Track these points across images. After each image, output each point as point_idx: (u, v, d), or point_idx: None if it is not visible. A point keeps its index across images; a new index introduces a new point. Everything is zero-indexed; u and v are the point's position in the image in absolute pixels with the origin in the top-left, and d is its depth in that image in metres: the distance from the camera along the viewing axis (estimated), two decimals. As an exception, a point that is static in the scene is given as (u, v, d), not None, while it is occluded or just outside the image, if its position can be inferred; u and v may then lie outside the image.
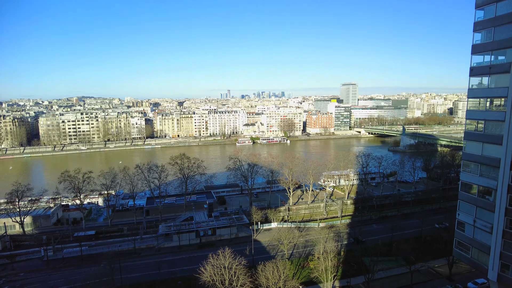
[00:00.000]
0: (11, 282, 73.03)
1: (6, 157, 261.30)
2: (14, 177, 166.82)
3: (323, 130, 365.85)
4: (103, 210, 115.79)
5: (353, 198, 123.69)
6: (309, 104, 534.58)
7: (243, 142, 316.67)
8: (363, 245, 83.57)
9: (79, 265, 79.74)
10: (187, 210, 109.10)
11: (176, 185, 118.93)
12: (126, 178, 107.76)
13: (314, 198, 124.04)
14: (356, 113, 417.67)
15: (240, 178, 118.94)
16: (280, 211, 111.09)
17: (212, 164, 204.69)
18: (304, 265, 75.89)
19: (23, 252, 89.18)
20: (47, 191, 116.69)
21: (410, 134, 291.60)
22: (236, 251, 63.62)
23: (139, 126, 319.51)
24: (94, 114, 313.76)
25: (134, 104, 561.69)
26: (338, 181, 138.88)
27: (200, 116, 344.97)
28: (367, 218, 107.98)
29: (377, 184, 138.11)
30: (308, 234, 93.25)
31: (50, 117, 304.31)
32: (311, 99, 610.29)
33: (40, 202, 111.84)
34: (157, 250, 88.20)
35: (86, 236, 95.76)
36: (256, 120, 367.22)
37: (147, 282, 69.01)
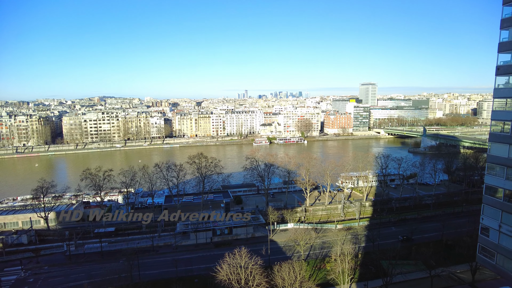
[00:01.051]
0: (36, 275, 75.88)
1: (32, 154, 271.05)
2: (39, 174, 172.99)
3: (341, 131, 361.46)
4: (123, 207, 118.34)
5: (372, 200, 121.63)
6: (327, 104, 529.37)
7: (260, 142, 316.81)
8: (411, 243, 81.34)
9: (100, 261, 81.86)
10: (204, 209, 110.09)
11: (194, 184, 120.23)
12: (145, 176, 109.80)
13: (331, 200, 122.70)
14: (375, 114, 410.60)
15: (256, 178, 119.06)
16: (296, 212, 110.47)
17: (229, 163, 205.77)
18: (320, 267, 75.21)
19: (47, 246, 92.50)
20: (70, 188, 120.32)
21: (431, 135, 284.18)
22: (252, 251, 63.75)
23: (158, 125, 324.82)
24: (114, 114, 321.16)
25: (153, 104, 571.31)
26: (356, 183, 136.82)
27: (218, 116, 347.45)
28: (386, 221, 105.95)
29: (397, 186, 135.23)
30: (325, 236, 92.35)
31: (73, 116, 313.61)
32: (329, 99, 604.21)
33: (63, 199, 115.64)
34: (175, 248, 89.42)
35: (106, 232, 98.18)
36: (273, 120, 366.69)
37: (165, 279, 70.02)
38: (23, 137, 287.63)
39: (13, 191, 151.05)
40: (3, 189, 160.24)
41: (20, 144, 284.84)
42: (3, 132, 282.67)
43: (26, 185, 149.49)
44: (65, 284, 69.44)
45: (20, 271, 77.61)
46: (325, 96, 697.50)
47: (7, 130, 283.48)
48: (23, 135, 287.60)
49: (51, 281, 72.56)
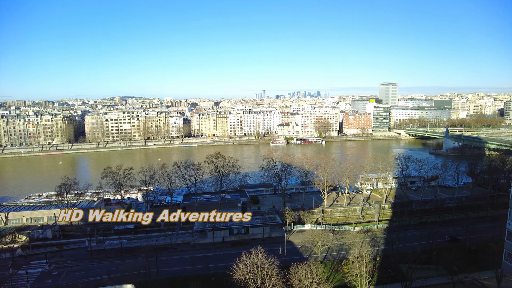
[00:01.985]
0: (60, 269, 78.60)
1: (57, 152, 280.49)
2: (63, 171, 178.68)
3: (360, 131, 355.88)
4: (142, 205, 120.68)
5: (391, 202, 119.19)
6: (346, 104, 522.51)
7: (277, 142, 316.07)
8: (458, 243, 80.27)
9: (119, 257, 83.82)
10: (221, 208, 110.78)
11: (211, 183, 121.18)
12: (164, 175, 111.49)
13: (349, 201, 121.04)
14: (396, 114, 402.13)
15: (273, 178, 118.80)
16: (314, 213, 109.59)
17: (246, 163, 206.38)
18: (337, 269, 74.35)
19: (70, 241, 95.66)
20: (91, 186, 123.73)
21: (454, 137, 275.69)
22: (269, 251, 63.69)
23: (177, 125, 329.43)
24: (135, 113, 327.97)
25: (173, 104, 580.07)
26: (375, 184, 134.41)
27: (235, 116, 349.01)
28: (406, 223, 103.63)
29: (417, 188, 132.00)
30: (343, 238, 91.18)
31: (95, 116, 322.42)
32: (348, 99, 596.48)
33: (85, 196, 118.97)
34: (192, 246, 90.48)
35: (125, 229, 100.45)
36: (290, 120, 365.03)
37: (182, 277, 70.93)
38: (48, 135, 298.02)
39: (39, 187, 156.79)
40: (30, 186, 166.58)
41: (46, 142, 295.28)
42: (31, 130, 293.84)
43: (50, 182, 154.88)
44: (87, 279, 71.45)
45: (45, 264, 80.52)
46: (344, 96, 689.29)
47: (34, 129, 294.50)
48: (48, 134, 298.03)
49: (73, 275, 74.90)
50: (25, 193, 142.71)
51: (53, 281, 72.74)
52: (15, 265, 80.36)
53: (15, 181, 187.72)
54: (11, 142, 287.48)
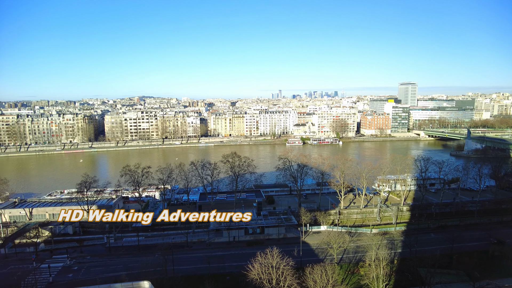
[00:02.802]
0: (80, 264, 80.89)
1: (77, 151, 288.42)
2: (83, 169, 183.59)
3: (378, 132, 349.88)
4: (159, 203, 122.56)
5: (410, 204, 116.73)
6: (364, 104, 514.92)
7: (293, 142, 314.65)
8: (504, 246, 78.27)
9: (136, 254, 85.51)
10: (236, 207, 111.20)
11: (227, 182, 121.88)
12: (181, 174, 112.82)
13: (367, 203, 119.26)
14: (415, 114, 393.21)
15: (289, 179, 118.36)
16: (330, 214, 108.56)
17: (262, 163, 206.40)
18: (354, 271, 73.42)
19: (89, 237, 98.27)
20: (110, 183, 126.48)
21: (477, 138, 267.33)
22: (284, 251, 63.53)
23: (194, 125, 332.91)
24: (153, 113, 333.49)
25: (190, 104, 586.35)
26: (393, 186, 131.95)
27: (251, 116, 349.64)
28: (425, 227, 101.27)
29: (437, 190, 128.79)
30: (359, 240, 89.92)
31: (114, 115, 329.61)
32: (366, 99, 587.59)
33: (104, 193, 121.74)
34: (208, 244, 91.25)
35: (143, 227, 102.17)
36: (307, 120, 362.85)
37: (197, 275, 71.66)
38: (70, 134, 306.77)
39: (61, 184, 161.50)
40: (52, 183, 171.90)
41: (67, 141, 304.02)
42: (53, 129, 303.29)
43: (71, 179, 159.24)
44: (105, 274, 73.13)
45: (66, 259, 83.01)
46: (362, 96, 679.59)
47: (57, 128, 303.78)
48: (70, 133, 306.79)
49: (92, 270, 76.88)
50: (48, 189, 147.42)
51: (74, 275, 74.86)
52: (38, 259, 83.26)
53: (38, 178, 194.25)
54: (35, 140, 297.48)
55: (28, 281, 67.26)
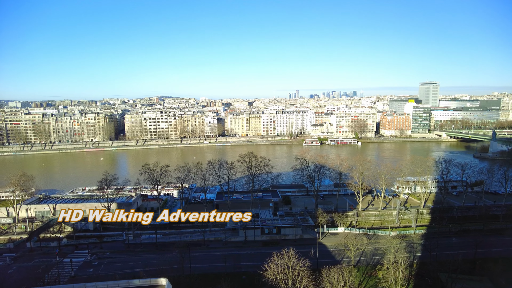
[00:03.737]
0: (100, 259, 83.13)
1: (98, 149, 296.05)
2: (104, 167, 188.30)
3: (398, 132, 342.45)
4: (177, 202, 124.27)
5: (430, 207, 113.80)
6: (384, 104, 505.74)
7: (311, 142, 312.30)
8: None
9: (154, 251, 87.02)
10: (253, 207, 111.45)
11: (244, 182, 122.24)
12: (199, 173, 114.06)
13: (385, 205, 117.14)
14: (437, 115, 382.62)
15: (306, 179, 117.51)
16: (347, 216, 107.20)
17: (278, 163, 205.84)
18: (371, 274, 72.23)
19: (109, 234, 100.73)
20: (130, 181, 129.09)
21: (502, 139, 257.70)
22: (300, 252, 63.16)
23: (212, 124, 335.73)
24: (172, 113, 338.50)
25: (208, 104, 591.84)
26: (413, 188, 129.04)
27: (268, 116, 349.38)
28: (446, 230, 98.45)
29: (459, 193, 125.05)
30: (378, 242, 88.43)
31: (134, 114, 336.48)
32: (385, 99, 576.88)
33: (123, 191, 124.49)
34: (224, 243, 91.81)
35: (161, 224, 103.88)
36: (324, 120, 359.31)
37: (214, 273, 72.21)
38: (91, 133, 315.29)
39: (82, 181, 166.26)
40: (74, 180, 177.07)
41: (89, 140, 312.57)
42: (76, 128, 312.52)
43: (92, 176, 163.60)
44: (124, 270, 74.79)
45: (87, 254, 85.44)
46: (381, 96, 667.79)
47: (79, 127, 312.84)
48: (91, 131, 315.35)
49: (112, 266, 78.81)
50: (70, 186, 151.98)
51: (94, 270, 76.95)
52: (61, 253, 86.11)
53: (61, 175, 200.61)
54: (59, 139, 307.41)
55: (52, 274, 69.57)
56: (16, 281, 66.61)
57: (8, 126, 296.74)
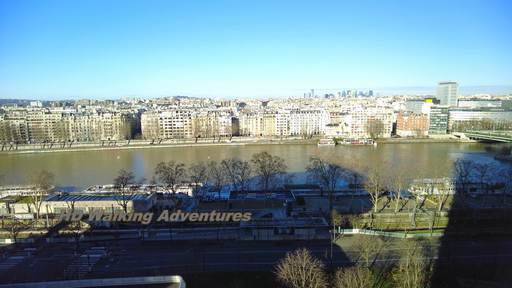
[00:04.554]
0: (116, 256, 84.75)
1: (115, 148, 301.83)
2: (120, 165, 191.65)
3: (415, 133, 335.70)
4: (192, 200, 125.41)
5: (448, 209, 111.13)
6: (400, 104, 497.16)
7: (325, 142, 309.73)
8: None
9: (169, 249, 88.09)
10: (266, 206, 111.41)
11: (257, 182, 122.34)
12: (213, 172, 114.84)
13: (401, 207, 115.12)
14: (455, 115, 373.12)
15: (320, 180, 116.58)
16: (362, 217, 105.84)
17: (292, 163, 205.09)
18: (386, 277, 71.11)
19: (125, 231, 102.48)
20: (146, 180, 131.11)
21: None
22: (314, 253, 62.71)
23: (226, 124, 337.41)
24: (187, 113, 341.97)
25: (222, 104, 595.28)
26: (430, 190, 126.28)
27: (282, 116, 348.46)
28: (464, 234, 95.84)
29: (479, 196, 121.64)
30: (393, 245, 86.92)
31: (150, 114, 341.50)
32: (402, 99, 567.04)
33: (139, 189, 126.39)
34: (238, 242, 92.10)
35: (175, 222, 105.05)
36: (340, 120, 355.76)
37: (227, 272, 72.53)
38: (108, 132, 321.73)
39: (99, 179, 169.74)
40: (92, 178, 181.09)
41: (106, 138, 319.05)
42: (93, 127, 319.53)
43: (109, 174, 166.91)
44: (139, 267, 76.00)
45: (103, 251, 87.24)
46: (398, 96, 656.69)
47: (96, 126, 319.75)
48: (108, 130, 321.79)
49: (127, 262, 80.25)
50: (88, 184, 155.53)
51: (110, 267, 78.52)
52: (79, 249, 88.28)
53: (79, 173, 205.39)
54: (77, 137, 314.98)
55: (70, 269, 71.32)
56: (36, 275, 68.66)
57: (30, 125, 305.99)
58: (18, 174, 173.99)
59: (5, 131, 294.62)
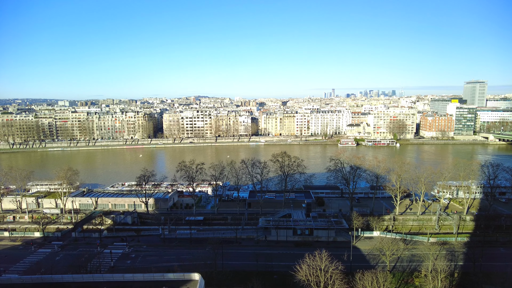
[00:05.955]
0: (137, 252, 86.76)
1: (138, 146, 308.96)
2: (142, 164, 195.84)
3: (440, 134, 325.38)
4: (211, 199, 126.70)
5: (474, 214, 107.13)
6: (424, 104, 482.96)
7: (346, 143, 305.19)
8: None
9: (188, 246, 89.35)
10: (285, 207, 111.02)
11: (276, 181, 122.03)
12: (232, 171, 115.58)
13: (424, 210, 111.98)
14: (483, 116, 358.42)
15: (340, 181, 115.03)
16: (384, 220, 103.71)
17: (312, 164, 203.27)
18: (407, 281, 69.40)
19: (146, 228, 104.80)
20: (167, 178, 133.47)
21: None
22: (333, 255, 61.96)
23: (246, 124, 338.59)
24: (207, 112, 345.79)
25: (242, 104, 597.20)
26: (455, 193, 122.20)
27: (302, 116, 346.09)
28: (492, 240, 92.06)
29: (508, 200, 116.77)
30: (415, 248, 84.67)
31: (172, 113, 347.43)
32: (426, 99, 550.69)
33: (161, 187, 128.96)
34: (256, 242, 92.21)
35: (195, 220, 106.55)
36: (361, 120, 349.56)
37: (245, 271, 72.79)
38: (131, 130, 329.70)
39: (122, 177, 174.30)
40: (115, 175, 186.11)
41: (129, 137, 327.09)
42: (117, 126, 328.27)
43: (131, 172, 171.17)
44: (159, 264, 77.49)
45: (125, 247, 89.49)
46: (422, 96, 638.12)
47: (120, 125, 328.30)
48: (131, 129, 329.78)
49: (148, 259, 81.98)
50: (111, 181, 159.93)
51: (131, 262, 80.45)
52: (102, 244, 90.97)
53: (103, 170, 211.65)
54: (101, 136, 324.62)
55: (94, 263, 73.61)
56: (62, 267, 71.31)
57: (58, 123, 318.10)
58: (46, 170, 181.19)
59: (35, 129, 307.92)
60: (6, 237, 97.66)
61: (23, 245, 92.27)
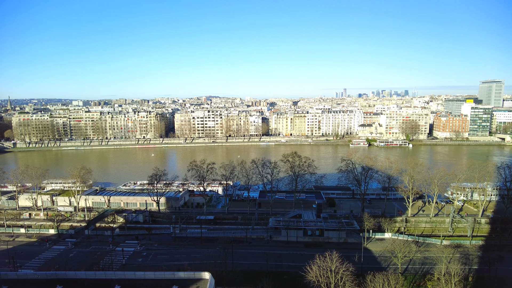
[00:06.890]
0: (148, 250, 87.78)
1: (150, 146, 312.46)
2: (154, 163, 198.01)
3: (454, 135, 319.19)
4: (222, 198, 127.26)
5: (489, 216, 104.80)
6: (438, 105, 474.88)
7: (358, 143, 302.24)
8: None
9: (199, 245, 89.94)
10: (296, 207, 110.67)
11: (287, 182, 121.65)
12: (243, 171, 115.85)
13: (437, 212, 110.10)
14: (500, 116, 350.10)
15: (352, 182, 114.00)
16: (396, 221, 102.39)
17: (323, 164, 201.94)
18: (420, 284, 68.38)
19: (157, 226, 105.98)
20: (178, 177, 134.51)
21: None
22: (344, 256, 61.51)
23: (256, 124, 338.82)
24: (218, 112, 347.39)
25: (253, 104, 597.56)
26: (470, 195, 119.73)
27: (313, 116, 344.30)
28: (509, 243, 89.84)
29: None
30: (428, 251, 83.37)
31: (183, 113, 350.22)
32: (440, 99, 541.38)
33: (172, 186, 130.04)
34: (266, 242, 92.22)
35: (206, 220, 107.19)
36: (373, 120, 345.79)
37: (255, 271, 72.82)
38: (143, 130, 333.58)
39: (134, 176, 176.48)
40: (127, 174, 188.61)
41: (141, 136, 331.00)
42: (129, 125, 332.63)
43: (143, 171, 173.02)
44: (170, 262, 78.20)
45: (137, 245, 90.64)
46: (435, 96, 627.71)
47: (132, 124, 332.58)
48: (143, 129, 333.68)
49: (159, 257, 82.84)
50: (123, 180, 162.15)
51: (143, 260, 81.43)
52: (114, 242, 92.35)
53: (115, 169, 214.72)
54: (114, 135, 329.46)
55: (106, 261, 74.76)
56: (76, 264, 72.69)
57: (72, 123, 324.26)
58: (60, 169, 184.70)
59: (50, 128, 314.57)
60: (22, 234, 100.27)
61: (39, 242, 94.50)
